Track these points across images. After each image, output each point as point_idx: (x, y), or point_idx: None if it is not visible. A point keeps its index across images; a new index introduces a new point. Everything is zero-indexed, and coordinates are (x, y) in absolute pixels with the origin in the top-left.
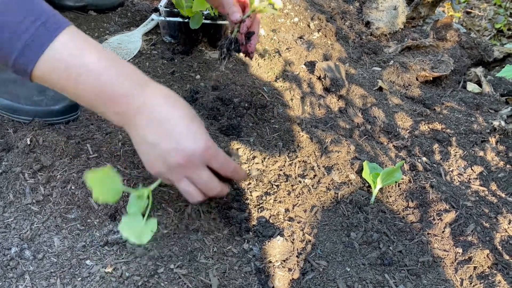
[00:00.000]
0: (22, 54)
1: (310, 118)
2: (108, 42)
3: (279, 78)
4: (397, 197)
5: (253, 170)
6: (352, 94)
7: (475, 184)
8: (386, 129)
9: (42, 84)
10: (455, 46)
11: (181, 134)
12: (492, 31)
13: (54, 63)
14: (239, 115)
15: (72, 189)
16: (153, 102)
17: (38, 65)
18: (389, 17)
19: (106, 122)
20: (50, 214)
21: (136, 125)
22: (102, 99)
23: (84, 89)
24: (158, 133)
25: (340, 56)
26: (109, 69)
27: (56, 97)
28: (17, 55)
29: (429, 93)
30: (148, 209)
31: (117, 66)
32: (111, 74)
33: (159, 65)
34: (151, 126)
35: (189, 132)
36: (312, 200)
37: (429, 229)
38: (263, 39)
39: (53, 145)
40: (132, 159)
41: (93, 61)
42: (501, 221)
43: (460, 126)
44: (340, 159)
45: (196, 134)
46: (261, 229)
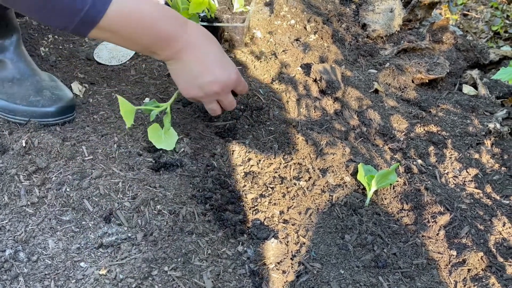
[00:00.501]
0: (93, 6)
1: (305, 120)
2: (105, 44)
3: (275, 80)
4: (392, 199)
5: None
6: (348, 96)
7: (470, 186)
8: (381, 131)
9: (100, 36)
10: (451, 49)
11: (218, 68)
12: (489, 33)
13: (119, 11)
14: (234, 117)
15: (67, 191)
16: (195, 40)
17: (107, 13)
18: (385, 19)
19: (102, 123)
20: (44, 216)
21: (182, 59)
22: (157, 41)
23: (143, 33)
24: (200, 66)
25: (336, 58)
26: (161, 15)
27: (53, 98)
28: (89, 7)
29: (425, 96)
30: (169, 122)
31: (165, 12)
32: (164, 19)
33: (155, 67)
34: (194, 60)
35: (223, 65)
36: (307, 203)
37: (423, 232)
38: (259, 41)
39: (49, 147)
40: (128, 161)
41: (149, 9)
42: (496, 223)
43: (455, 128)
44: (335, 161)
45: (228, 66)
46: (256, 231)
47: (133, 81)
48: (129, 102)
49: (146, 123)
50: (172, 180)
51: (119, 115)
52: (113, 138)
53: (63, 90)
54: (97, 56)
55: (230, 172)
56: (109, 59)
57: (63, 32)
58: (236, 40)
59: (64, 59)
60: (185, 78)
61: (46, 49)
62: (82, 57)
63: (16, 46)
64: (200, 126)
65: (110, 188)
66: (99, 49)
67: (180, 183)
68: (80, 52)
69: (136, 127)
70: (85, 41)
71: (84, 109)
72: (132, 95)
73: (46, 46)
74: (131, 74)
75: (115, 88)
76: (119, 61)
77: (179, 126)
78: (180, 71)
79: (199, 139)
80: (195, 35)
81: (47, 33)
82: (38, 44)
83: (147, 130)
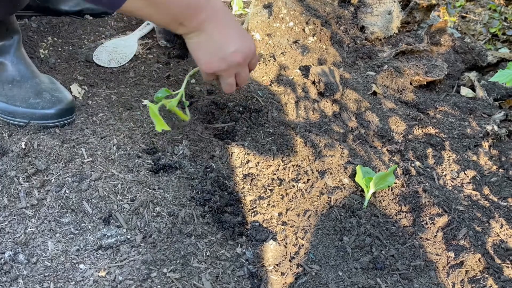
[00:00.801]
0: None
1: (304, 122)
2: (104, 46)
3: (274, 82)
4: (390, 201)
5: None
6: (346, 98)
7: (468, 188)
8: (380, 133)
9: (134, 6)
10: (449, 51)
11: (239, 38)
12: (487, 35)
13: None
14: (233, 119)
15: (67, 193)
16: (218, 11)
17: None
18: (383, 21)
19: (101, 125)
20: (44, 218)
21: (206, 30)
22: (187, 9)
23: (174, 4)
24: (223, 36)
25: (335, 61)
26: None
27: (52, 100)
28: None
29: (423, 98)
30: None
31: None
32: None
33: (154, 69)
34: (217, 31)
35: (243, 35)
36: (305, 205)
37: (421, 233)
38: (258, 44)
39: (48, 149)
40: (127, 163)
41: None
42: (493, 225)
43: (453, 130)
44: (334, 163)
45: (247, 37)
46: (254, 233)
47: (132, 83)
48: (155, 105)
49: (145, 125)
50: (171, 182)
51: (118, 117)
52: (112, 140)
53: (63, 92)
54: (96, 58)
55: (229, 174)
56: (108, 61)
57: (63, 34)
58: None
59: (64, 61)
60: (208, 50)
61: (46, 51)
62: (81, 59)
63: (17, 48)
64: (199, 128)
65: (109, 190)
66: (98, 51)
67: (179, 185)
68: (80, 54)
69: (135, 129)
70: (84, 43)
71: (83, 111)
72: (131, 97)
73: (46, 48)
74: (130, 76)
75: (114, 90)
76: (118, 63)
77: (178, 128)
78: (204, 43)
79: (198, 141)
80: (218, 6)
81: (46, 35)
82: (38, 46)
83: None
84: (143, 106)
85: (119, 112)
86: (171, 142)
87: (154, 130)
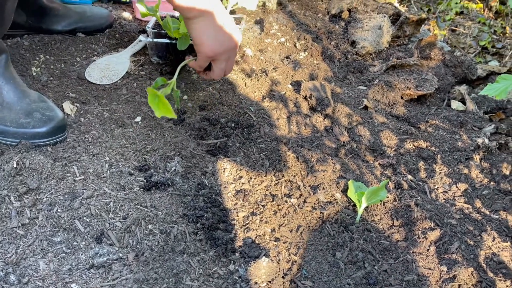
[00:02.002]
0: None
1: (296, 137)
2: (96, 63)
3: (266, 97)
4: (383, 215)
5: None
6: (338, 113)
7: (460, 201)
8: (371, 147)
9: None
10: (439, 65)
11: (233, 25)
12: (477, 48)
13: None
14: (226, 135)
15: (58, 212)
16: (219, 2)
17: None
18: (374, 36)
19: (93, 143)
20: (36, 238)
21: (210, 15)
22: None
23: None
24: (222, 21)
25: (326, 75)
26: None
27: (43, 119)
28: None
29: (414, 111)
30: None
31: None
32: None
33: (146, 85)
34: (218, 16)
35: (235, 25)
36: (298, 220)
37: (414, 248)
38: (250, 59)
39: (40, 168)
40: (119, 180)
41: None
42: (485, 238)
43: (444, 144)
44: (326, 178)
45: (237, 28)
46: (247, 250)
47: (124, 100)
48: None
49: (137, 142)
50: (163, 199)
51: (111, 134)
52: (105, 157)
53: (54, 110)
54: (88, 75)
55: (221, 190)
56: (101, 78)
57: (55, 52)
58: None
59: (56, 78)
60: (210, 33)
61: (38, 69)
62: (73, 76)
63: (5, 68)
64: (191, 144)
65: (101, 208)
66: (91, 68)
67: (172, 202)
68: (72, 71)
69: (128, 146)
70: (76, 61)
71: (75, 129)
72: (124, 114)
73: (38, 66)
74: (122, 93)
75: (107, 107)
76: (110, 80)
77: (170, 144)
78: (207, 26)
79: (191, 157)
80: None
81: (38, 53)
82: (30, 64)
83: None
84: (135, 123)
85: (111, 129)
86: (164, 158)
87: (147, 147)
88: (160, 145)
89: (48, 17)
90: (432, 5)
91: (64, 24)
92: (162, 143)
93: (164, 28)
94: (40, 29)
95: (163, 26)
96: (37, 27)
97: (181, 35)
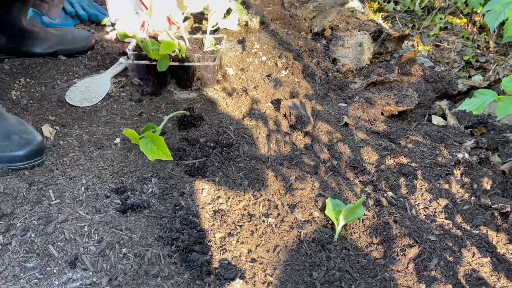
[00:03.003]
0: None
1: (275, 155)
2: (77, 86)
3: (246, 116)
4: (361, 233)
5: None
6: (318, 130)
7: (440, 217)
8: (352, 164)
9: None
10: (420, 80)
11: None
12: (461, 63)
13: None
14: (205, 155)
15: (32, 237)
16: None
17: None
18: (354, 53)
19: (71, 166)
20: (8, 264)
21: None
22: None
23: None
24: None
25: (307, 93)
26: None
27: (21, 142)
28: None
29: (394, 127)
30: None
31: None
32: None
33: (127, 107)
34: None
35: None
36: (275, 240)
37: (392, 265)
38: (231, 78)
39: (14, 192)
40: (95, 203)
41: None
42: (465, 254)
43: (425, 159)
44: (304, 196)
45: None
46: (223, 272)
47: (104, 122)
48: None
49: (115, 164)
50: (139, 221)
51: (89, 157)
52: (81, 180)
53: (32, 133)
54: (69, 98)
55: (198, 211)
56: (81, 100)
57: (36, 75)
58: (208, 78)
59: (36, 101)
60: None
61: (18, 93)
62: (54, 99)
63: None
64: (169, 165)
65: (75, 232)
66: (71, 91)
67: (147, 224)
68: (52, 94)
69: (105, 168)
70: (57, 84)
71: (54, 152)
72: (103, 136)
73: (18, 90)
74: (102, 115)
75: (86, 129)
76: (91, 102)
77: (148, 166)
78: None
79: (168, 178)
80: None
81: (19, 77)
82: (10, 88)
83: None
84: (115, 145)
85: (90, 151)
86: (141, 180)
87: (124, 169)
88: (138, 166)
89: (28, 40)
90: (417, 21)
91: (45, 46)
92: (140, 165)
93: (143, 50)
94: (20, 52)
95: (143, 48)
96: (18, 50)
97: (160, 56)
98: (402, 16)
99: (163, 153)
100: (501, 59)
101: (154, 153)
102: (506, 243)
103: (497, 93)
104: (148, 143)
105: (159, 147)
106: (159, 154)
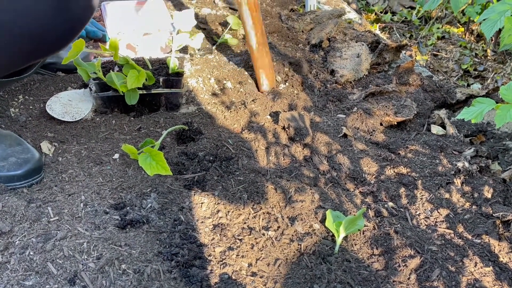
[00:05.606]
0: None
1: (275, 168)
2: (58, 97)
3: (245, 129)
4: (362, 245)
5: None
6: (317, 142)
7: (442, 227)
8: (352, 175)
9: None
10: (418, 90)
11: None
12: (459, 72)
13: None
14: (204, 168)
15: (31, 255)
16: None
17: None
18: (352, 64)
19: (70, 182)
20: (7, 282)
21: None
22: None
23: None
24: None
25: (306, 105)
26: None
27: (19, 162)
28: None
29: (394, 138)
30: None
31: None
32: None
33: (125, 122)
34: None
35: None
36: (276, 253)
37: (394, 277)
38: (229, 92)
39: (13, 210)
40: (94, 220)
41: None
42: (467, 264)
43: (425, 169)
44: (304, 208)
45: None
46: (223, 287)
47: (103, 137)
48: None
49: (114, 180)
50: (138, 237)
51: (88, 173)
52: (80, 197)
53: (30, 152)
54: (50, 108)
55: (198, 226)
56: (62, 114)
57: (34, 92)
58: (175, 104)
59: (34, 118)
60: None
61: (16, 110)
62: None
63: None
64: (168, 179)
65: (74, 249)
66: (52, 101)
67: (147, 240)
68: None
69: (104, 184)
70: None
71: (53, 168)
72: (102, 152)
73: (16, 107)
74: (101, 131)
75: (85, 145)
76: (73, 118)
77: (147, 181)
78: None
79: (168, 193)
80: None
81: (17, 94)
82: (8, 105)
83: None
84: (113, 160)
85: (88, 167)
86: (140, 195)
87: (123, 184)
88: (137, 181)
89: None
90: (414, 31)
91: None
92: (139, 180)
93: (109, 85)
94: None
95: (108, 83)
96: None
97: (128, 89)
98: (400, 27)
99: (162, 167)
100: (499, 67)
101: (153, 168)
102: (508, 251)
103: (496, 101)
104: (147, 158)
105: (158, 162)
106: (158, 169)
